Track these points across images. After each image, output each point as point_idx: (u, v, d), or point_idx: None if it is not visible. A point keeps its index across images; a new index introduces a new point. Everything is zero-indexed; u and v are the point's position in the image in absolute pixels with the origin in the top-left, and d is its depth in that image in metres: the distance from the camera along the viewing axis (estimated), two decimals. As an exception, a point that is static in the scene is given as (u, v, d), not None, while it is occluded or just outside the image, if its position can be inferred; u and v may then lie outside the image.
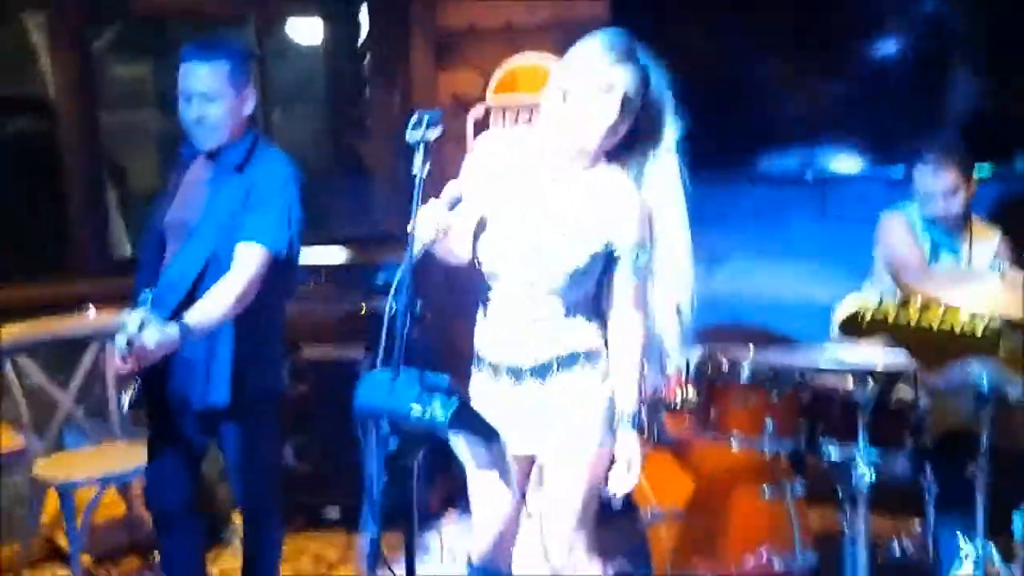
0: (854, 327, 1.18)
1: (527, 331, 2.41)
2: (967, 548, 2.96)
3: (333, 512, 4.05)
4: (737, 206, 4.30)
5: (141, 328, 2.49)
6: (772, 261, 4.19)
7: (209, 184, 2.83)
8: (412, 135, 2.11)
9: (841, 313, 1.17)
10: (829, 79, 3.99)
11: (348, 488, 3.81)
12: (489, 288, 2.44)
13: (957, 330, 1.13)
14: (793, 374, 3.05)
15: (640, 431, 3.07)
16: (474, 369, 2.51)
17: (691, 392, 3.18)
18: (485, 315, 2.47)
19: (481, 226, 2.40)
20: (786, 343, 3.19)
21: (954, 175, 3.32)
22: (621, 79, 2.29)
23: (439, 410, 2.09)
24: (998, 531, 2.93)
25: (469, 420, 2.23)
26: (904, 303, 1.16)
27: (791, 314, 4.01)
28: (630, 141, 2.39)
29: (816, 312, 3.80)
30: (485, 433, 2.36)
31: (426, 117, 2.11)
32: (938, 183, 3.33)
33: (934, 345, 1.16)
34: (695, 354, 3.27)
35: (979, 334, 1.14)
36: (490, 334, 2.47)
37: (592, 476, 2.44)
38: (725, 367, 3.12)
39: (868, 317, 1.15)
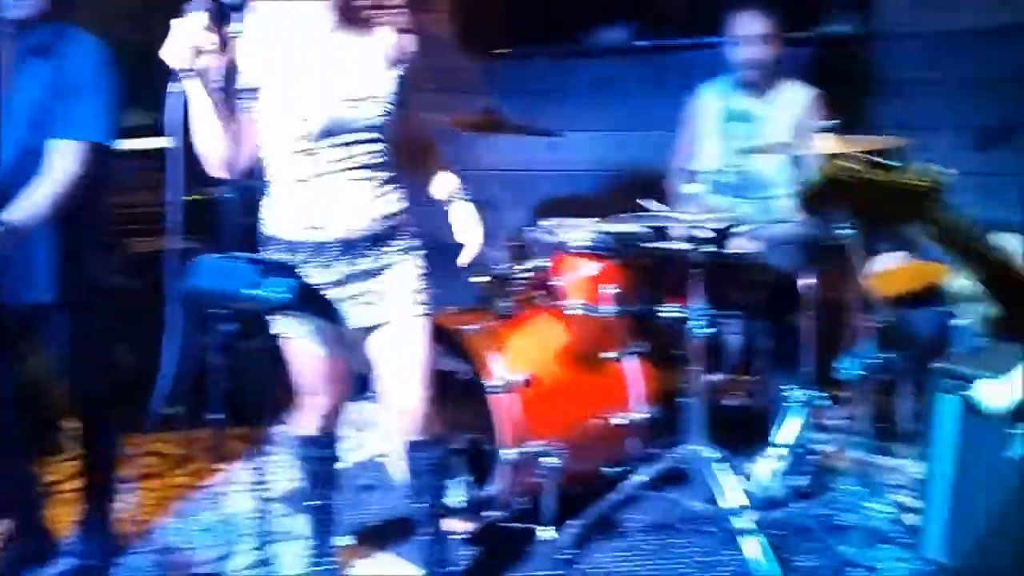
0: (822, 195, 1.14)
1: (342, 205, 2.38)
2: (796, 396, 3.15)
3: (174, 409, 3.92)
4: (575, 80, 4.29)
5: None
6: (609, 133, 4.23)
7: (13, 69, 2.59)
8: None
9: (810, 184, 1.13)
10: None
11: (189, 384, 3.73)
12: (292, 164, 2.35)
13: (911, 185, 1.10)
14: (631, 240, 3.12)
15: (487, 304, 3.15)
16: (267, 251, 2.43)
17: (535, 263, 3.22)
18: (285, 194, 2.39)
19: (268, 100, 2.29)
20: (623, 210, 3.25)
21: (763, 21, 3.37)
22: None
23: (279, 291, 2.04)
24: (824, 378, 3.13)
25: (310, 300, 2.20)
26: (874, 163, 1.13)
27: (628, 183, 4.11)
28: None
29: (654, 180, 3.89)
30: (326, 312, 2.33)
31: None
32: (747, 27, 3.39)
33: (884, 206, 1.12)
34: (537, 226, 3.31)
35: (927, 190, 1.11)
36: (295, 212, 2.40)
37: (427, 339, 2.51)
38: (566, 237, 3.16)
39: (842, 176, 1.11)
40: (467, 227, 2.55)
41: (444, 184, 2.58)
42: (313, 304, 2.29)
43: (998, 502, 1.50)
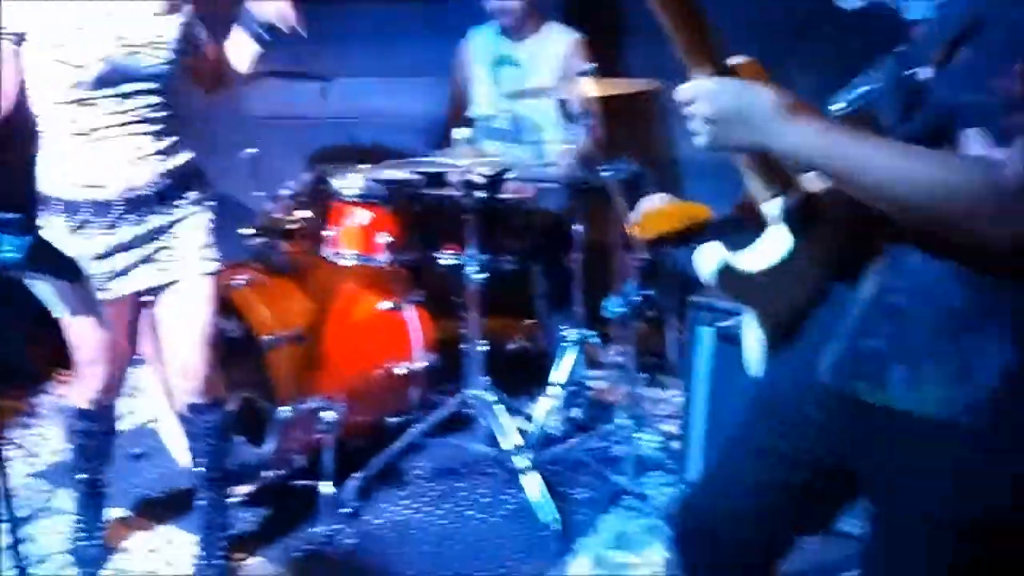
0: None
1: (126, 161, 2.24)
2: (570, 335, 3.24)
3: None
4: (347, 25, 4.18)
5: None
6: (382, 79, 4.15)
7: None
8: None
9: None
10: None
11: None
12: (67, 116, 2.19)
13: None
14: (406, 187, 3.09)
15: (258, 258, 3.05)
16: (45, 211, 2.28)
17: (306, 214, 3.14)
18: (61, 149, 2.23)
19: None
20: (397, 158, 3.21)
21: None
22: None
23: (8, 249, 1.88)
24: (596, 317, 3.22)
25: (48, 259, 2.04)
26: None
27: (404, 130, 4.06)
28: None
29: (429, 127, 3.86)
30: (68, 272, 2.18)
31: None
32: None
33: None
34: (309, 175, 3.22)
35: None
36: (72, 169, 2.24)
37: (213, 297, 2.44)
38: (339, 186, 3.10)
39: None
40: None
41: (240, 45, 2.47)
42: (54, 264, 2.13)
43: (741, 424, 1.60)
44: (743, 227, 1.61)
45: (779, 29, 3.60)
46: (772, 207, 1.43)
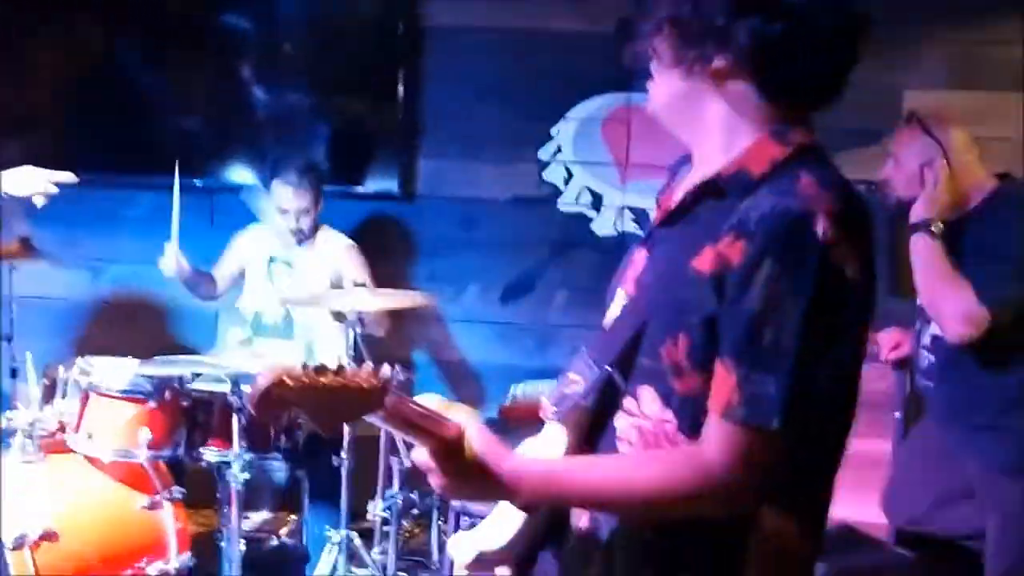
0: (270, 400, 1.13)
1: None
2: (333, 535, 3.24)
3: None
4: (127, 212, 4.21)
5: None
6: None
7: None
8: None
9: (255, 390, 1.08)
10: (220, 93, 4.08)
11: None
12: None
13: (356, 385, 1.12)
14: (171, 382, 3.07)
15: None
16: None
17: (65, 405, 3.04)
18: None
19: None
20: (169, 350, 3.21)
21: (307, 195, 3.55)
22: None
23: None
24: (359, 517, 3.26)
25: None
26: (320, 368, 1.12)
27: (181, 319, 4.06)
28: None
29: (206, 318, 3.88)
30: None
31: None
32: (291, 203, 3.55)
33: (332, 407, 1.13)
34: (70, 363, 3.15)
35: (372, 387, 1.15)
36: None
37: None
38: (101, 377, 3.03)
39: (287, 384, 1.11)
40: None
41: None
42: None
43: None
44: (507, 429, 1.71)
45: (540, 247, 3.98)
46: None
